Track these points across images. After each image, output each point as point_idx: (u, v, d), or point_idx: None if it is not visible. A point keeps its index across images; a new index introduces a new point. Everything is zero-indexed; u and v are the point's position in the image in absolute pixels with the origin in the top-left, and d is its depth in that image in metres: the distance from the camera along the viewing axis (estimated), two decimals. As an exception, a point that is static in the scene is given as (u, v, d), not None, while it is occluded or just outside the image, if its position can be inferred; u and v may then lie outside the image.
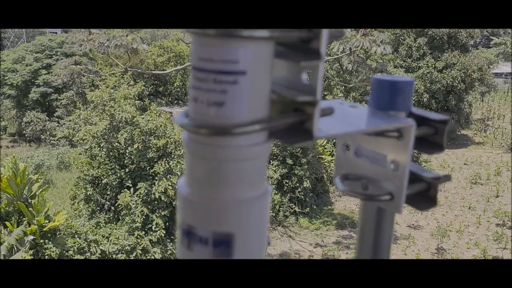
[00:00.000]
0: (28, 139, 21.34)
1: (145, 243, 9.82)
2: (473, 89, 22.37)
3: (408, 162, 0.51)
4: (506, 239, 12.12)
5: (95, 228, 10.50)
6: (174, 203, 10.02)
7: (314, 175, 13.77)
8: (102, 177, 11.01)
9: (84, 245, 9.50)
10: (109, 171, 10.84)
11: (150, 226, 10.11)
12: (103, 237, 10.02)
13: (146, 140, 10.44)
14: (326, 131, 0.44)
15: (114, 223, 10.81)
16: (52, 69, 20.56)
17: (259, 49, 0.38)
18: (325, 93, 15.84)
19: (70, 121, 12.55)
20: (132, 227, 10.01)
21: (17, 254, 8.41)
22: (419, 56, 20.53)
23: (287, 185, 13.21)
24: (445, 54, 20.49)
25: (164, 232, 10.10)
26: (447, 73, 20.20)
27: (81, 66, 14.53)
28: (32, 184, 9.72)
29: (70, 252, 9.25)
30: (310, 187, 13.57)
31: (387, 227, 0.57)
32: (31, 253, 8.61)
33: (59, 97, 21.07)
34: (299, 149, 12.99)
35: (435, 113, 0.52)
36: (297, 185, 13.26)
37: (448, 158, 19.34)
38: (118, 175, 10.70)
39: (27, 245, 8.62)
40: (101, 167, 10.97)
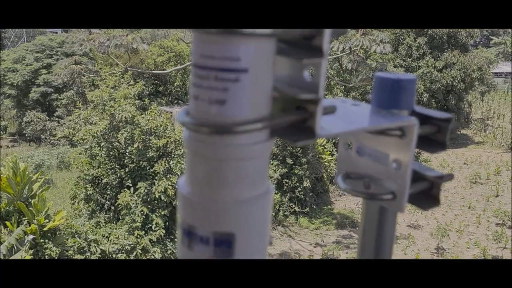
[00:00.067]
0: (28, 138, 21.35)
1: (145, 242, 9.82)
2: (473, 89, 22.39)
3: (410, 160, 0.51)
4: (506, 239, 12.12)
5: (95, 227, 10.49)
6: (174, 202, 10.02)
7: (314, 175, 13.77)
8: (102, 177, 11.01)
9: (84, 244, 9.50)
10: (109, 170, 10.84)
11: (150, 225, 10.11)
12: (103, 236, 10.02)
13: (146, 139, 10.43)
14: (328, 130, 0.43)
15: (114, 222, 10.81)
16: (52, 68, 20.57)
17: (261, 46, 0.38)
18: (325, 93, 15.79)
19: (70, 120, 12.55)
20: (132, 227, 10.01)
21: (17, 253, 8.41)
22: (419, 55, 20.53)
23: (287, 184, 13.21)
24: (445, 53, 20.50)
25: (164, 231, 10.10)
26: (447, 72, 20.20)
27: (81, 65, 14.54)
28: (32, 183, 9.72)
29: (70, 251, 9.25)
30: (310, 186, 13.57)
31: (389, 226, 0.57)
32: (31, 253, 8.60)
33: (59, 97, 21.08)
34: (299, 149, 12.99)
35: (438, 111, 0.52)
36: (297, 184, 13.27)
37: (448, 157, 19.34)
38: (118, 174, 10.70)
39: (27, 244, 8.61)
40: (101, 166, 10.97)
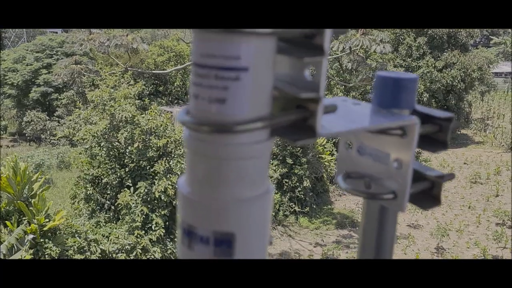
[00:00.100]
0: (28, 138, 21.35)
1: (145, 242, 9.82)
2: (473, 89, 22.38)
3: (411, 160, 0.50)
4: (506, 239, 12.12)
5: (95, 227, 10.49)
6: (174, 202, 10.02)
7: (314, 175, 13.77)
8: (102, 177, 11.01)
9: (84, 244, 9.49)
10: (109, 170, 10.84)
11: (150, 225, 10.11)
12: (103, 236, 10.02)
13: (146, 139, 10.43)
14: (329, 129, 0.43)
15: (114, 222, 10.81)
16: (52, 68, 20.56)
17: (261, 45, 0.38)
18: (325, 93, 15.78)
19: (70, 120, 12.55)
20: (132, 227, 10.01)
21: (17, 253, 8.41)
22: (419, 55, 20.52)
23: (287, 184, 13.21)
24: (445, 53, 20.49)
25: (164, 231, 10.10)
26: (447, 72, 20.20)
27: (81, 65, 14.53)
28: (32, 183, 9.72)
29: (70, 251, 9.24)
30: (310, 186, 13.57)
31: (390, 226, 0.57)
32: (31, 252, 8.60)
33: (60, 97, 21.08)
34: (299, 149, 12.99)
35: (439, 111, 0.51)
36: (297, 184, 13.26)
37: (448, 157, 19.33)
38: (118, 174, 10.70)
39: (27, 244, 8.61)
40: (101, 166, 10.97)
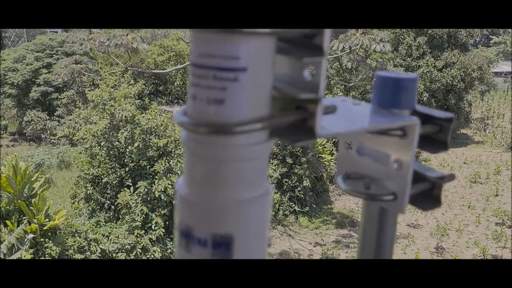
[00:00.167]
0: (28, 138, 21.35)
1: (145, 242, 9.82)
2: (473, 88, 22.37)
3: (411, 161, 0.50)
4: (505, 238, 12.12)
5: (95, 227, 10.50)
6: (174, 202, 9.99)
7: (313, 174, 13.76)
8: (102, 176, 11.01)
9: (84, 244, 9.49)
10: (109, 170, 10.84)
11: (150, 225, 10.11)
12: (103, 236, 10.02)
13: (146, 138, 10.43)
14: (328, 129, 0.43)
15: (114, 222, 10.81)
16: (52, 68, 20.55)
17: (260, 45, 0.37)
18: (325, 92, 15.78)
19: (70, 120, 12.56)
20: (132, 226, 10.01)
21: (17, 252, 8.41)
22: (419, 55, 20.51)
23: (286, 184, 13.21)
24: (445, 53, 20.47)
25: (163, 231, 10.09)
26: (447, 72, 20.19)
27: (81, 65, 14.54)
28: (32, 183, 9.72)
29: (70, 251, 9.24)
30: (309, 186, 13.57)
31: (389, 227, 0.56)
32: (31, 252, 8.61)
33: (60, 96, 21.08)
34: (299, 148, 12.98)
35: (439, 111, 0.51)
36: (297, 184, 13.26)
37: (447, 157, 19.33)
38: (118, 174, 10.70)
39: (27, 243, 8.62)
40: (101, 166, 10.97)
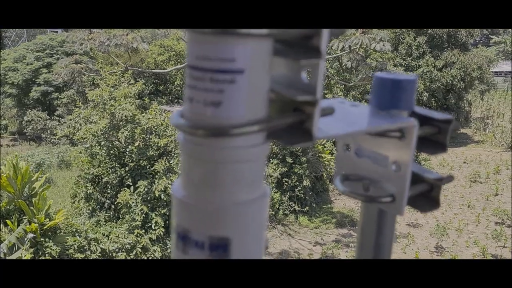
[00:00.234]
0: (28, 137, 21.35)
1: (145, 241, 9.83)
2: (473, 88, 22.35)
3: (410, 162, 0.50)
4: (505, 238, 12.12)
5: (95, 226, 10.50)
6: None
7: (313, 174, 13.76)
8: (102, 176, 11.01)
9: (84, 243, 9.50)
10: (109, 169, 10.84)
11: (150, 224, 10.12)
12: (103, 235, 10.03)
13: (146, 138, 10.43)
14: (326, 131, 0.42)
15: (114, 221, 10.82)
16: (52, 68, 20.54)
17: (257, 47, 0.37)
18: (325, 92, 15.83)
19: (70, 119, 12.55)
20: (132, 226, 10.01)
21: (17, 252, 8.41)
22: (418, 54, 20.50)
23: (286, 183, 13.21)
24: (445, 52, 20.46)
25: (163, 230, 10.10)
26: (447, 71, 20.18)
27: (81, 65, 14.55)
28: (33, 182, 9.73)
29: (70, 250, 9.25)
30: (309, 185, 13.57)
31: (388, 229, 0.56)
32: (32, 251, 8.61)
33: (60, 96, 21.08)
34: (299, 148, 12.98)
35: (438, 112, 0.51)
36: (297, 183, 13.26)
37: (447, 156, 19.32)
38: (118, 173, 10.70)
39: (27, 243, 8.62)
40: (102, 165, 10.98)
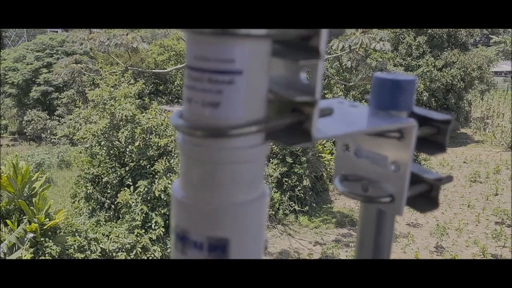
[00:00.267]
0: (28, 137, 21.35)
1: (145, 241, 9.83)
2: (473, 88, 22.34)
3: (409, 163, 0.50)
4: (505, 237, 12.12)
5: (95, 226, 10.50)
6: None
7: (313, 174, 13.76)
8: (102, 176, 11.01)
9: (84, 243, 9.50)
10: (109, 169, 10.84)
11: (150, 224, 10.12)
12: (103, 235, 10.03)
13: (146, 138, 10.43)
14: (325, 132, 0.42)
15: (114, 221, 10.82)
16: (52, 67, 20.54)
17: (256, 48, 0.37)
18: (325, 92, 15.83)
19: (70, 119, 12.55)
20: (132, 225, 10.01)
21: (17, 252, 8.41)
22: (418, 54, 20.49)
23: (286, 183, 13.21)
24: (445, 52, 20.46)
25: (163, 230, 10.10)
26: (447, 71, 20.17)
27: (81, 64, 14.55)
28: (33, 182, 9.73)
29: (70, 250, 9.25)
30: (309, 185, 13.57)
31: (387, 229, 0.56)
32: (32, 251, 8.61)
33: (60, 96, 21.08)
34: (299, 148, 12.98)
35: (437, 113, 0.51)
36: (297, 183, 13.26)
37: (447, 156, 19.32)
38: (118, 173, 10.70)
39: (27, 243, 8.62)
40: (102, 165, 10.97)
